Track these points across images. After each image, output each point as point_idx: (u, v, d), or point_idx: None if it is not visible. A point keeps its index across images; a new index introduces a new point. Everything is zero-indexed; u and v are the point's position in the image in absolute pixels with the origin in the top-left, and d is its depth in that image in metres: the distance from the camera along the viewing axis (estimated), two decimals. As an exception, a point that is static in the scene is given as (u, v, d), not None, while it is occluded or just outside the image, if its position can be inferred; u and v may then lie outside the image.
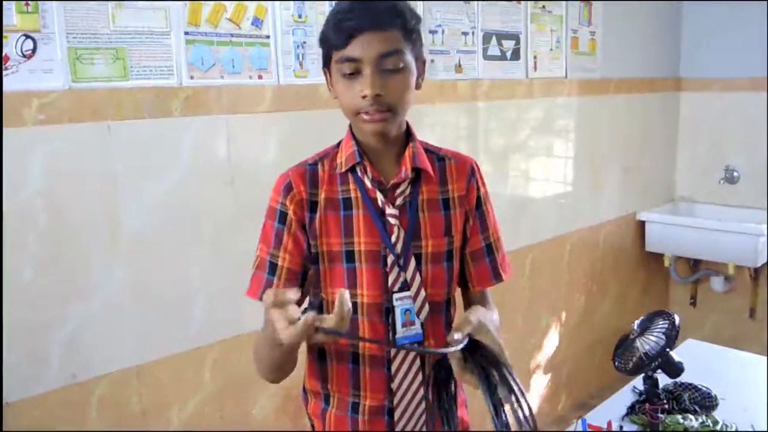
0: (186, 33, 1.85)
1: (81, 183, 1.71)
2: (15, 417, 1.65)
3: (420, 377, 1.31)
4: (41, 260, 1.66)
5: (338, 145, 1.33)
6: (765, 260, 3.58)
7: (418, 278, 1.28)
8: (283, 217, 1.27)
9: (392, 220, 1.26)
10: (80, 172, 1.71)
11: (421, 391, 1.31)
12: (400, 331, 1.28)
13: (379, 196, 1.26)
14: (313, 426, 1.40)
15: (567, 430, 1.58)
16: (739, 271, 3.73)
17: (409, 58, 1.21)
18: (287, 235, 1.27)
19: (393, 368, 1.30)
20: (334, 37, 1.18)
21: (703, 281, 4.03)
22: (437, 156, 1.34)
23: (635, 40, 3.58)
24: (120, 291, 1.80)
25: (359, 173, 1.27)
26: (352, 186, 1.28)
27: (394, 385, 1.30)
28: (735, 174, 3.88)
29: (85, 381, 1.76)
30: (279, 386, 2.15)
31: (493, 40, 2.78)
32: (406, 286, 1.27)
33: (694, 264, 3.98)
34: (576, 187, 3.36)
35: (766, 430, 1.60)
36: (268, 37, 2.02)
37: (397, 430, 1.31)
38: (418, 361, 1.30)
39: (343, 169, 1.27)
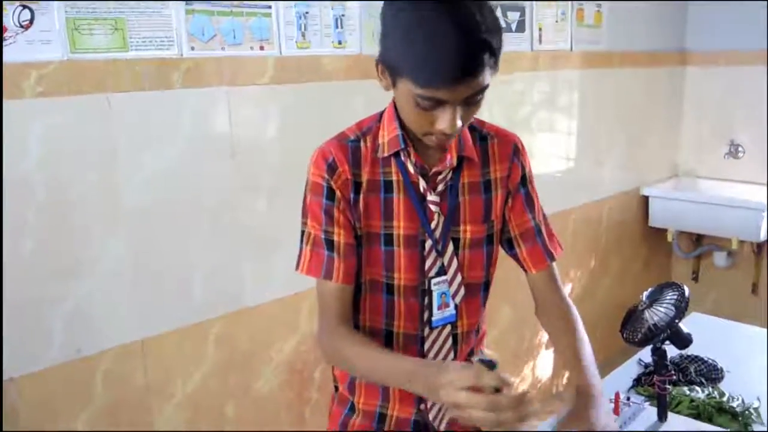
0: (186, 3, 1.81)
1: (81, 156, 1.69)
2: (20, 392, 1.64)
3: (452, 355, 1.34)
4: (41, 234, 1.64)
5: (380, 119, 1.27)
6: (768, 235, 3.57)
7: (455, 263, 1.29)
8: (330, 194, 1.23)
9: (433, 208, 1.25)
10: (80, 144, 1.69)
11: (450, 357, 1.34)
12: (436, 314, 1.30)
13: (422, 183, 1.24)
14: (336, 387, 1.44)
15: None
16: (742, 246, 3.72)
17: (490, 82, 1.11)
18: (338, 211, 1.23)
19: (426, 346, 1.32)
20: (417, 76, 1.06)
21: (706, 256, 4.02)
22: (480, 134, 1.31)
23: (641, 13, 3.53)
24: (121, 265, 1.79)
25: (402, 158, 1.24)
26: (393, 169, 1.25)
27: (427, 354, 1.32)
28: (739, 149, 3.85)
29: (89, 356, 1.76)
30: (283, 361, 2.18)
31: (498, 11, 2.74)
32: (443, 271, 1.28)
33: (697, 239, 3.97)
34: (579, 161, 3.33)
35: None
36: (269, 7, 1.98)
37: (429, 403, 1.34)
38: (450, 340, 1.33)
39: (386, 154, 1.23)
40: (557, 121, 3.19)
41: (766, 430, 1.46)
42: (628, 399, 1.49)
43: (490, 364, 0.98)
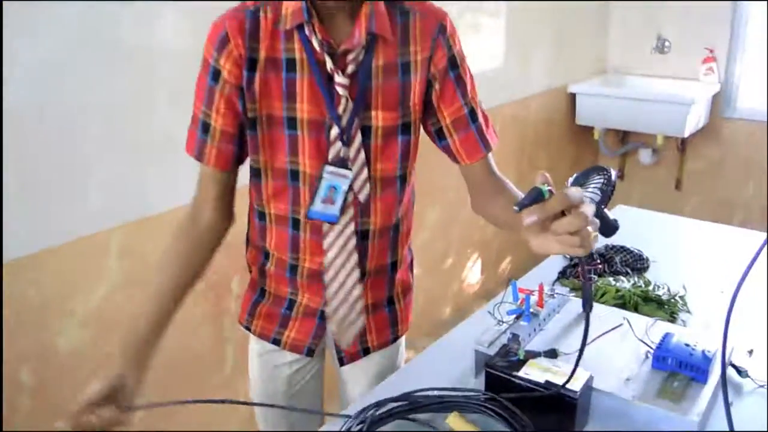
0: None
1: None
2: None
3: (356, 256, 1.24)
4: None
5: None
6: (693, 130, 3.58)
7: (361, 155, 1.17)
8: (216, 75, 1.12)
9: (341, 91, 1.12)
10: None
11: (354, 257, 1.25)
12: (318, 206, 1.19)
13: (328, 62, 1.11)
14: (250, 271, 1.39)
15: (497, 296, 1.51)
16: (667, 142, 3.73)
17: None
18: (219, 96, 1.14)
19: (326, 243, 1.23)
20: None
21: (631, 154, 4.05)
22: (401, 9, 1.16)
23: None
24: (4, 171, 1.59)
25: (307, 32, 1.09)
26: (297, 45, 1.11)
27: (328, 252, 1.24)
28: (666, 44, 3.81)
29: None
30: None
31: None
32: (345, 164, 1.16)
33: (623, 137, 3.97)
34: (506, 58, 3.21)
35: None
36: None
37: (330, 290, 1.27)
38: (354, 238, 1.23)
39: (288, 27, 1.09)
40: (482, 17, 3.04)
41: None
42: (553, 290, 1.43)
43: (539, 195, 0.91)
